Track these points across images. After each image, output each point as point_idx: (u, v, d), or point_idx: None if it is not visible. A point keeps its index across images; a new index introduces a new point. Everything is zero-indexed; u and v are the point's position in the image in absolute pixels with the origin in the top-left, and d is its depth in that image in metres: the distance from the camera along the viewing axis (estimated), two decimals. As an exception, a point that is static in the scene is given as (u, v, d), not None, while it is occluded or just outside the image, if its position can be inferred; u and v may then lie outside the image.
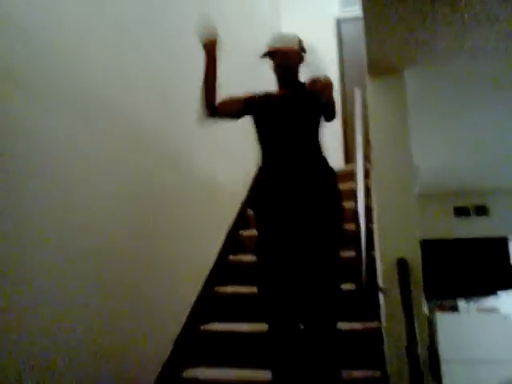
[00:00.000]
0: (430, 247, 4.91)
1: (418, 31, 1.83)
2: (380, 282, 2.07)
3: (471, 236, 4.87)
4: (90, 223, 1.79)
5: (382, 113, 2.11)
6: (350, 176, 3.04)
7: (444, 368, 5.24)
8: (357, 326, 2.43)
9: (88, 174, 1.79)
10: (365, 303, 2.43)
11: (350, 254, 2.31)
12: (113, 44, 2.04)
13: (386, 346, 2.05)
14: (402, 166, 2.05)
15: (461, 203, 4.92)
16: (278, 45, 2.09)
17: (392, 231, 2.03)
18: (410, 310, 1.73)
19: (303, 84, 2.07)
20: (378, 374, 2.14)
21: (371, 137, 2.13)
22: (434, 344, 5.43)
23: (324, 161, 2.06)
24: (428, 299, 5.58)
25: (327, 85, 1.88)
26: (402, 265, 1.93)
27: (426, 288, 5.10)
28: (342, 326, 2.39)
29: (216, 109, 2.12)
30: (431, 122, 2.84)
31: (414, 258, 1.97)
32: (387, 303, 1.97)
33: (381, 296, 2.12)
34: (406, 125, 2.06)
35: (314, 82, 1.87)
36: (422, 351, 1.89)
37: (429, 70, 2.14)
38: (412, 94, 2.16)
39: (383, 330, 2.14)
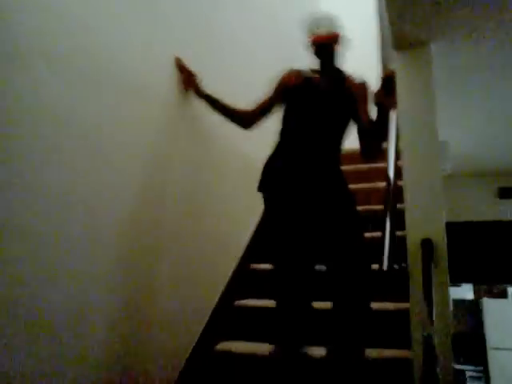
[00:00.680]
0: (474, 229, 4.75)
1: (444, 2, 1.74)
2: (402, 263, 2.03)
3: (517, 218, 4.65)
4: (118, 202, 1.84)
5: (407, 87, 2.04)
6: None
7: (490, 354, 5.10)
8: (390, 306, 2.44)
9: (113, 153, 1.84)
10: (400, 284, 2.41)
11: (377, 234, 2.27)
12: (141, 21, 2.05)
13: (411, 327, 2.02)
14: (428, 143, 1.98)
15: (505, 184, 4.68)
16: (320, 32, 2.10)
17: (418, 211, 1.97)
18: (430, 290, 1.68)
19: (341, 72, 2.20)
20: (407, 353, 2.12)
21: (398, 112, 2.07)
22: (481, 329, 5.29)
23: (338, 167, 2.15)
24: (476, 284, 5.45)
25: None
26: (426, 245, 1.88)
27: (474, 272, 4.96)
28: (376, 305, 2.43)
29: (252, 118, 2.30)
30: (466, 98, 2.72)
31: (439, 238, 1.91)
32: (411, 284, 1.93)
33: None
34: (431, 99, 1.99)
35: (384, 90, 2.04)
36: (442, 333, 1.86)
37: (458, 42, 2.04)
38: (443, 68, 2.07)
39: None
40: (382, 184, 3.10)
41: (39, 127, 1.46)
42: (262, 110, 2.27)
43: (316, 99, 2.12)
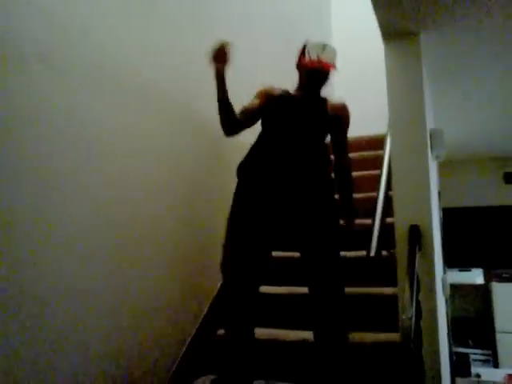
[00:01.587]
0: (483, 215, 4.75)
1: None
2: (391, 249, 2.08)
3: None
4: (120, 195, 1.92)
5: (397, 77, 2.07)
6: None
7: (499, 337, 5.13)
8: (389, 290, 2.49)
9: (114, 154, 1.91)
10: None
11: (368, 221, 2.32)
12: (139, 20, 2.11)
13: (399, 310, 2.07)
14: (417, 131, 2.02)
15: (511, 169, 4.65)
16: (323, 59, 2.04)
17: (406, 197, 2.02)
18: (413, 274, 1.74)
19: (324, 99, 2.17)
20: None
21: (388, 101, 2.10)
22: (490, 313, 5.31)
23: (325, 173, 2.10)
24: (485, 269, 5.46)
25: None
26: (413, 231, 1.93)
27: (483, 257, 4.96)
28: (375, 290, 2.49)
29: (239, 123, 2.07)
30: (464, 85, 2.72)
31: (426, 224, 1.96)
32: (399, 269, 1.99)
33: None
34: (420, 89, 2.01)
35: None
36: (428, 316, 1.92)
37: (447, 30, 2.06)
38: (435, 57, 2.09)
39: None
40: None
41: (38, 130, 1.54)
42: (248, 119, 2.13)
43: (294, 111, 2.13)
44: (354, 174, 3.54)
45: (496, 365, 5.11)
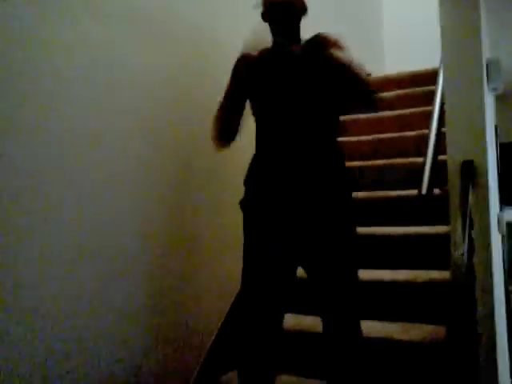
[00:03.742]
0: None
1: None
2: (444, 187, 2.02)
3: None
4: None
5: (450, 3, 1.93)
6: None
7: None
8: (442, 229, 2.43)
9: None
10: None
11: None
12: None
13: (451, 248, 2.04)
14: (471, 62, 1.89)
15: None
16: None
17: (459, 132, 1.93)
18: (466, 211, 1.69)
19: (311, 41, 1.65)
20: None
21: (441, 30, 1.97)
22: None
23: (336, 159, 1.65)
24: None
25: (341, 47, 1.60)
26: (466, 167, 1.85)
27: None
28: (428, 229, 2.44)
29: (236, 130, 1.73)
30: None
31: (481, 160, 1.88)
32: (451, 206, 1.93)
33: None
34: (477, 15, 1.88)
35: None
36: (481, 253, 1.88)
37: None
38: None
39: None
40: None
41: (89, 74, 1.59)
42: (236, 110, 1.75)
43: (286, 72, 1.65)
44: (404, 111, 3.46)
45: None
